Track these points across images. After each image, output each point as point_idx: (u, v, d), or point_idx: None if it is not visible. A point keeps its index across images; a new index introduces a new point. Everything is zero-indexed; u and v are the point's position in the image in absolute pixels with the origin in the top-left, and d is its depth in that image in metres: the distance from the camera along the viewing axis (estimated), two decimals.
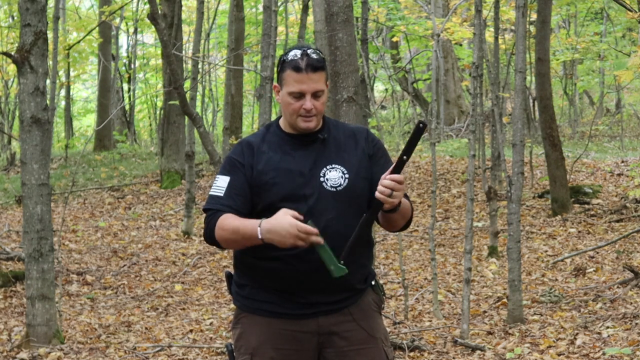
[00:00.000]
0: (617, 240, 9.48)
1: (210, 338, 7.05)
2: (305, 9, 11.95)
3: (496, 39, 12.49)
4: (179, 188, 14.71)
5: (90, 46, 21.26)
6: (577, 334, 6.50)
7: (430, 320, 7.24)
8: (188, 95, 9.67)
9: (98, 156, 18.86)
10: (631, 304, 7.21)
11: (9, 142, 22.19)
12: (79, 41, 19.28)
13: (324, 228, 3.05)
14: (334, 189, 3.15)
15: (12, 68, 19.81)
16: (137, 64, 25.00)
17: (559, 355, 6.10)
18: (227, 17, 17.20)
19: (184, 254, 10.43)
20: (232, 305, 5.45)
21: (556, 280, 8.45)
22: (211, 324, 7.52)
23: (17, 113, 10.80)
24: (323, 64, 3.16)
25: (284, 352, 3.19)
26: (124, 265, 9.89)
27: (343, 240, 3.07)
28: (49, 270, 6.70)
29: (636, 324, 6.59)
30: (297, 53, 3.14)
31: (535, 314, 7.18)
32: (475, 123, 7.92)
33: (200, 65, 15.80)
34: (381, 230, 10.20)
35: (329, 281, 3.14)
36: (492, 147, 12.32)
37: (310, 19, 11.73)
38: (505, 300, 7.48)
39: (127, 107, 23.39)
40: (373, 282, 3.31)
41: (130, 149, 20.17)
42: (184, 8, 18.52)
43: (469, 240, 6.84)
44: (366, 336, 3.24)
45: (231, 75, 15.42)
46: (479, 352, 6.26)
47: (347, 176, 3.18)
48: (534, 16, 13.22)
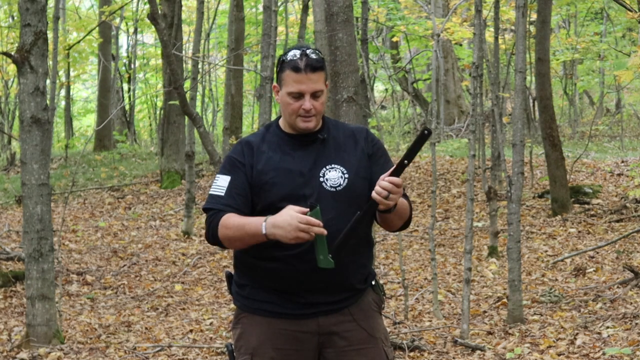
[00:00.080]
0: (617, 240, 9.48)
1: (210, 338, 7.05)
2: (305, 9, 11.95)
3: (496, 39, 12.49)
4: (179, 188, 14.71)
5: (90, 46, 21.26)
6: (577, 334, 6.50)
7: (430, 320, 7.24)
8: (188, 95, 9.67)
9: (98, 156, 18.86)
10: (631, 304, 7.21)
11: (9, 142, 22.19)
12: (79, 41, 19.27)
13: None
14: (333, 189, 3.15)
15: (12, 68, 19.81)
16: (137, 64, 24.99)
17: (559, 355, 6.10)
18: (227, 17, 17.20)
19: (184, 254, 10.43)
20: (232, 305, 5.46)
21: (556, 280, 8.45)
22: (211, 324, 7.52)
23: (17, 113, 10.79)
24: (322, 64, 3.16)
25: (284, 352, 3.19)
26: (124, 265, 9.89)
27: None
28: (49, 270, 6.70)
29: (636, 324, 6.59)
30: (296, 53, 3.14)
31: (535, 314, 7.17)
32: (475, 123, 7.92)
33: (200, 65, 15.80)
34: (381, 230, 10.20)
35: (329, 281, 3.14)
36: (492, 147, 12.32)
37: (310, 19, 11.73)
38: (505, 300, 7.48)
39: (127, 107, 23.39)
40: (373, 282, 3.30)
41: (130, 149, 20.17)
42: (184, 8, 18.52)
43: (469, 240, 6.84)
44: (366, 336, 3.24)
45: (231, 75, 15.41)
46: (479, 352, 6.26)
47: (347, 176, 3.18)
48: (534, 16, 13.21)
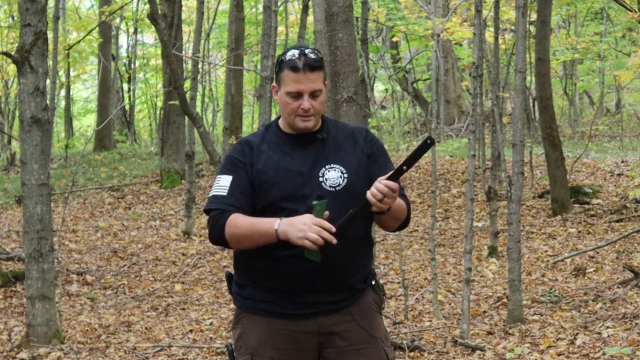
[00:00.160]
0: (617, 240, 9.48)
1: (210, 338, 7.05)
2: (305, 9, 11.95)
3: (496, 39, 12.49)
4: (179, 188, 14.71)
5: (90, 46, 21.26)
6: (577, 334, 6.50)
7: (430, 320, 7.24)
8: (188, 95, 9.67)
9: (98, 156, 18.86)
10: (631, 304, 7.21)
11: (9, 142, 22.19)
12: (79, 41, 19.27)
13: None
14: (333, 189, 3.15)
15: (12, 68, 19.81)
16: (137, 64, 25.00)
17: (559, 355, 6.10)
18: (227, 17, 17.20)
19: (184, 254, 10.43)
20: (232, 305, 5.46)
21: (556, 280, 8.45)
22: (211, 324, 7.52)
23: (17, 113, 10.79)
24: (321, 64, 3.15)
25: (284, 352, 3.19)
26: (124, 265, 9.89)
27: (343, 240, 3.06)
28: (49, 270, 6.70)
29: (636, 324, 6.58)
30: (295, 53, 3.14)
31: (535, 314, 7.17)
32: (475, 123, 7.92)
33: (200, 65, 15.80)
34: (381, 230, 10.19)
35: (328, 281, 3.14)
36: (492, 147, 12.32)
37: (310, 19, 11.73)
38: (505, 300, 7.48)
39: (127, 107, 23.39)
40: (373, 282, 3.30)
41: (130, 149, 20.17)
42: (184, 8, 18.52)
43: (469, 240, 6.84)
44: (366, 336, 3.24)
45: (231, 75, 15.41)
46: (479, 352, 6.26)
47: (346, 176, 3.18)
48: (534, 16, 13.22)
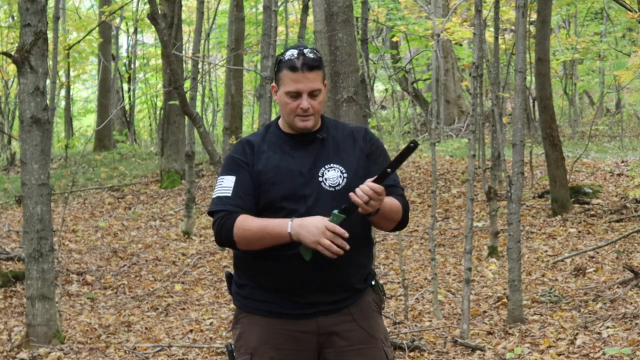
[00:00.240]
0: (617, 240, 9.48)
1: (210, 338, 7.05)
2: (305, 9, 11.95)
3: (496, 39, 12.49)
4: (179, 188, 14.71)
5: (90, 46, 21.26)
6: (577, 334, 6.50)
7: (430, 320, 7.24)
8: (188, 95, 9.67)
9: (98, 156, 18.86)
10: (631, 304, 7.21)
11: (9, 142, 22.19)
12: (79, 41, 19.27)
13: None
14: (332, 189, 3.15)
15: (12, 68, 19.81)
16: (137, 64, 24.99)
17: (559, 355, 6.10)
18: (227, 17, 17.20)
19: (184, 254, 10.43)
20: (232, 305, 5.46)
21: (556, 280, 8.45)
22: (211, 324, 7.52)
23: (17, 113, 10.79)
24: (319, 63, 3.15)
25: (284, 352, 3.19)
26: (124, 265, 9.89)
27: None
28: (49, 270, 6.70)
29: (636, 324, 6.58)
30: (294, 53, 3.14)
31: (535, 314, 7.17)
32: (475, 123, 7.92)
33: (200, 65, 15.79)
34: (381, 230, 10.20)
35: (328, 281, 3.15)
36: (492, 147, 12.32)
37: (310, 19, 11.72)
38: (505, 300, 7.47)
39: (127, 107, 23.39)
40: (373, 282, 3.30)
41: (130, 149, 20.17)
42: (184, 8, 18.52)
43: (469, 240, 6.84)
44: (366, 336, 3.24)
45: (231, 75, 15.41)
46: (479, 352, 6.26)
47: (346, 175, 3.18)
48: (534, 16, 13.21)
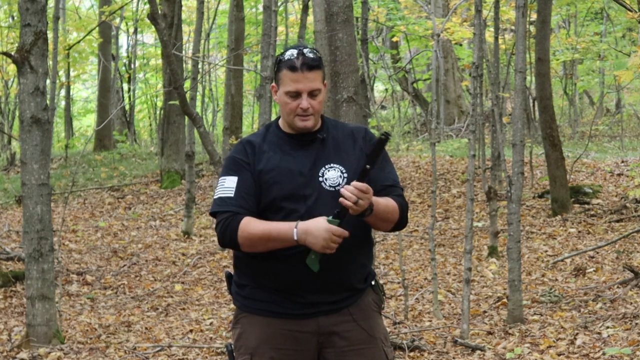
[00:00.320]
0: (617, 240, 9.48)
1: (210, 338, 7.05)
2: (305, 9, 11.94)
3: (496, 39, 12.49)
4: (179, 188, 14.71)
5: (90, 46, 21.26)
6: (577, 334, 6.50)
7: (430, 320, 7.24)
8: (188, 95, 9.67)
9: (98, 156, 18.86)
10: (631, 304, 7.21)
11: (9, 142, 22.19)
12: (79, 41, 19.27)
13: None
14: (332, 189, 3.15)
15: (12, 68, 19.81)
16: (137, 64, 24.99)
17: (559, 355, 6.10)
18: (227, 17, 17.19)
19: (184, 254, 10.43)
20: (232, 305, 5.46)
21: (556, 280, 8.45)
22: (211, 324, 7.52)
23: (17, 113, 10.79)
24: (319, 63, 3.15)
25: (284, 352, 3.19)
26: (124, 265, 9.89)
27: (343, 240, 3.07)
28: (49, 270, 6.70)
29: (636, 324, 6.59)
30: (293, 52, 3.14)
31: (535, 314, 7.17)
32: (475, 123, 7.92)
33: (200, 65, 15.79)
34: (380, 231, 10.20)
35: (328, 281, 3.15)
36: (492, 147, 12.32)
37: (310, 19, 11.72)
38: (505, 300, 7.47)
39: (127, 107, 23.39)
40: (373, 282, 3.30)
41: (130, 149, 20.17)
42: (184, 8, 18.52)
43: (469, 240, 6.84)
44: (366, 336, 3.24)
45: (231, 75, 15.41)
46: (479, 352, 6.26)
47: (346, 175, 3.18)
48: (534, 16, 13.21)
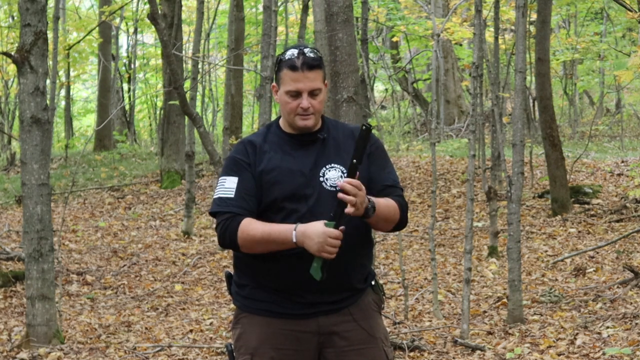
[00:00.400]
0: (617, 240, 9.48)
1: (210, 338, 7.05)
2: (305, 9, 11.94)
3: (496, 39, 12.49)
4: (179, 188, 14.71)
5: (90, 46, 21.26)
6: (577, 334, 6.50)
7: (430, 320, 7.24)
8: (188, 95, 9.67)
9: (98, 156, 18.86)
10: (631, 304, 7.21)
11: (9, 142, 22.19)
12: (79, 41, 19.27)
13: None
14: (333, 189, 3.15)
15: (12, 68, 19.81)
16: (137, 64, 24.99)
17: (559, 355, 6.10)
18: (227, 17, 17.19)
19: (184, 254, 10.43)
20: (232, 305, 5.46)
21: (556, 280, 8.45)
22: (211, 324, 7.52)
23: (17, 113, 10.79)
24: (319, 63, 3.16)
25: (284, 352, 3.19)
26: (124, 265, 9.89)
27: (343, 240, 3.07)
28: (49, 270, 6.70)
29: (636, 324, 6.59)
30: (294, 52, 3.15)
31: (535, 314, 7.17)
32: (475, 123, 7.92)
33: (200, 65, 15.79)
34: (380, 231, 10.20)
35: (328, 281, 3.14)
36: (492, 147, 12.32)
37: (310, 19, 11.72)
38: (505, 300, 7.47)
39: (127, 107, 23.39)
40: (373, 282, 3.30)
41: (130, 149, 20.17)
42: (184, 8, 18.51)
43: (469, 240, 6.84)
44: (366, 336, 3.24)
45: (231, 75, 15.41)
46: (479, 352, 6.26)
47: (346, 175, 3.17)
48: (534, 16, 13.21)
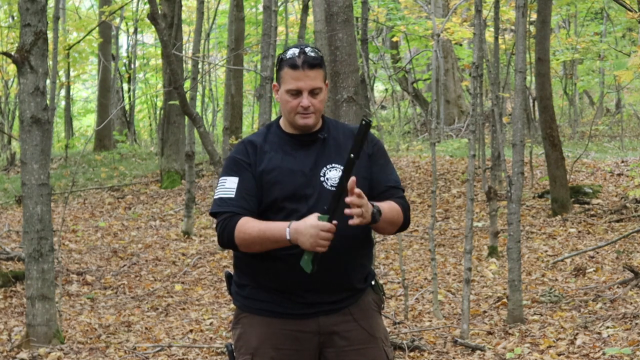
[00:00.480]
0: (617, 240, 9.48)
1: (210, 338, 7.05)
2: (305, 9, 11.94)
3: (496, 39, 12.49)
4: (179, 188, 14.71)
5: (90, 46, 21.26)
6: (577, 334, 6.50)
7: (430, 320, 7.24)
8: (188, 95, 9.67)
9: (98, 156, 18.86)
10: (631, 304, 7.21)
11: (9, 142, 22.19)
12: (79, 41, 19.27)
13: None
14: (334, 189, 3.15)
15: (12, 68, 19.81)
16: (137, 64, 24.99)
17: (559, 355, 6.10)
18: (227, 17, 17.19)
19: (184, 254, 10.43)
20: (232, 305, 5.46)
21: (556, 280, 8.45)
22: (211, 324, 7.52)
23: (17, 113, 10.79)
24: (320, 62, 3.16)
25: (285, 352, 3.19)
26: (124, 265, 9.89)
27: (343, 240, 3.07)
28: (49, 270, 6.70)
29: (636, 324, 6.59)
30: (295, 51, 3.15)
31: (535, 314, 7.17)
32: (475, 123, 7.92)
33: (200, 65, 15.80)
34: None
35: (328, 281, 3.15)
36: (492, 147, 12.33)
37: (310, 19, 11.71)
38: (505, 300, 7.48)
39: (127, 107, 23.39)
40: (373, 282, 3.30)
41: (130, 149, 20.17)
42: (184, 8, 18.52)
43: (469, 240, 6.84)
44: (366, 336, 3.24)
45: (231, 75, 15.41)
46: (479, 352, 6.26)
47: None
48: (534, 16, 13.22)
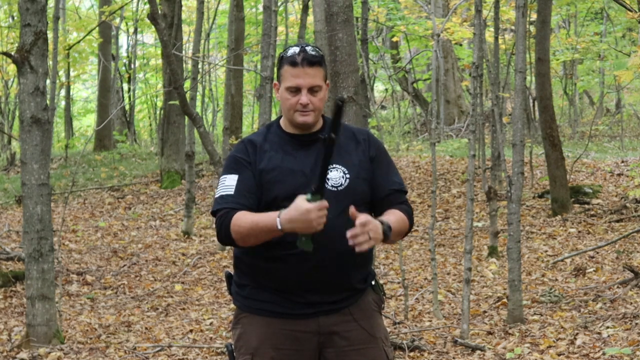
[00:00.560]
0: (617, 240, 9.48)
1: (210, 338, 7.05)
2: (305, 9, 11.94)
3: (496, 39, 12.49)
4: (179, 188, 14.71)
5: (90, 46, 21.26)
6: (577, 334, 6.50)
7: (430, 320, 7.24)
8: (188, 95, 9.67)
9: (98, 156, 18.86)
10: (631, 304, 7.21)
11: (9, 142, 22.19)
12: (79, 41, 19.27)
13: (325, 227, 3.01)
14: (335, 189, 3.15)
15: (12, 68, 19.81)
16: (137, 64, 24.99)
17: (559, 355, 6.10)
18: (227, 17, 17.19)
19: (184, 254, 10.43)
20: (232, 305, 5.46)
21: (556, 280, 8.45)
22: (211, 324, 7.52)
23: (17, 113, 10.79)
24: (320, 60, 3.16)
25: (285, 352, 3.19)
26: (124, 265, 9.89)
27: (343, 240, 3.06)
28: (49, 270, 6.70)
29: (636, 324, 6.59)
30: (295, 49, 3.17)
31: (535, 314, 7.17)
32: (475, 123, 7.92)
33: (200, 65, 15.80)
34: None
35: (328, 281, 3.15)
36: (492, 147, 12.33)
37: (310, 19, 11.72)
38: (505, 300, 7.48)
39: (127, 107, 23.39)
40: (373, 282, 3.30)
41: (130, 149, 20.17)
42: (184, 8, 18.52)
43: (469, 240, 6.84)
44: (367, 336, 3.24)
45: (231, 75, 15.40)
46: (479, 352, 6.26)
47: (348, 176, 3.18)
48: (534, 16, 13.22)
